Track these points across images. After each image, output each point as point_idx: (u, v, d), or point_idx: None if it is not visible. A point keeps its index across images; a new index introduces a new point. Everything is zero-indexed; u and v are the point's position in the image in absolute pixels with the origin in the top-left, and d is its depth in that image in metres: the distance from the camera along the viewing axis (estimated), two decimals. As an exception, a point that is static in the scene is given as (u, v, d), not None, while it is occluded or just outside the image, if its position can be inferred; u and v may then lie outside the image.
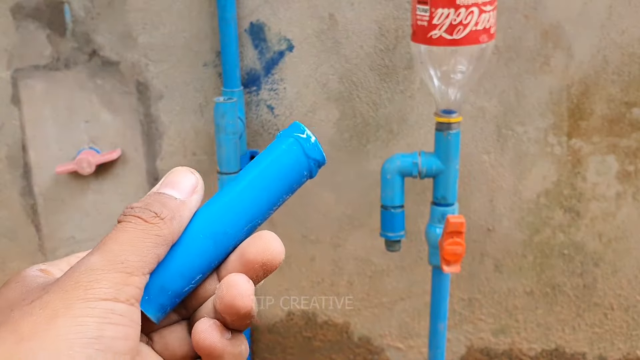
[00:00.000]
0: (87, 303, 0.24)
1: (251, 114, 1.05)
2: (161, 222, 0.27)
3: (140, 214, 0.27)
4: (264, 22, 1.00)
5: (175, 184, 0.29)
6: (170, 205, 0.28)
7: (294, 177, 0.30)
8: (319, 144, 0.30)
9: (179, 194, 0.29)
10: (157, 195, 0.29)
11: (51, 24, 1.03)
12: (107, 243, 0.27)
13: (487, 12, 0.77)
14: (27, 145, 1.09)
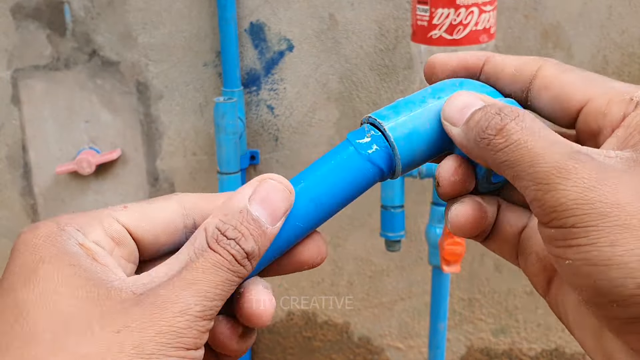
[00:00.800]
0: (177, 352, 0.24)
1: (251, 114, 1.05)
2: (248, 264, 0.26)
3: (233, 251, 0.26)
4: (264, 22, 1.01)
5: (269, 204, 0.27)
6: (261, 242, 0.26)
7: (360, 183, 0.29)
8: (388, 148, 0.28)
9: (270, 221, 0.27)
10: (250, 222, 0.26)
11: (51, 24, 1.03)
12: (196, 277, 0.25)
13: (487, 12, 0.77)
14: (27, 145, 1.09)
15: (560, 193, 0.23)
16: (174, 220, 0.28)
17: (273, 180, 0.27)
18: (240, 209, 0.26)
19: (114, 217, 0.27)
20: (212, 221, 0.26)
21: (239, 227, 0.26)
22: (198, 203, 0.29)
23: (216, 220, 0.26)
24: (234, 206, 0.26)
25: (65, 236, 0.25)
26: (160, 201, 0.29)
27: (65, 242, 0.25)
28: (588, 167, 0.23)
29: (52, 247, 0.25)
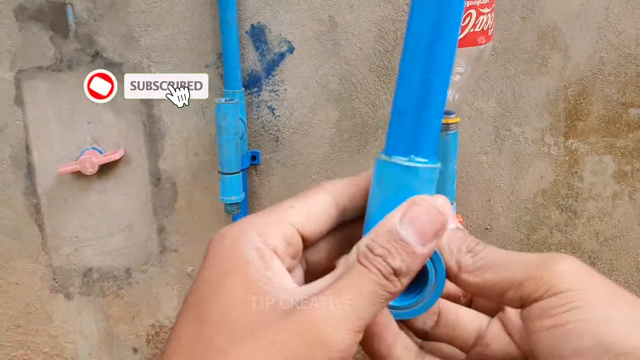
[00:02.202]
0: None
1: (252, 115, 1.06)
2: (396, 281, 0.27)
3: (380, 266, 0.27)
4: (265, 24, 1.01)
5: (417, 224, 0.28)
6: (410, 260, 0.27)
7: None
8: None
9: (419, 240, 0.28)
10: (397, 241, 0.27)
11: (54, 26, 1.04)
12: (345, 287, 0.26)
13: (485, 14, 0.78)
14: (31, 146, 1.10)
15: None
16: (330, 211, 0.30)
17: (423, 201, 0.28)
18: (389, 229, 0.28)
19: (288, 220, 0.29)
20: (364, 241, 0.28)
21: (386, 245, 0.27)
22: (345, 190, 0.31)
23: (367, 239, 0.28)
24: (384, 227, 0.28)
25: (245, 241, 0.28)
26: (316, 194, 0.31)
27: (245, 248, 0.28)
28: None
29: (233, 257, 0.28)
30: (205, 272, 0.28)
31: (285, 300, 0.26)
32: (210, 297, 0.27)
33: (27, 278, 1.19)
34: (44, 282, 1.19)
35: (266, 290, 0.27)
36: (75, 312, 1.21)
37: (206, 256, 0.29)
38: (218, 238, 0.29)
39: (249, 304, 0.26)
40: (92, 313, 1.21)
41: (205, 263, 0.29)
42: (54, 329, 1.22)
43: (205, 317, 0.27)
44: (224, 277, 0.27)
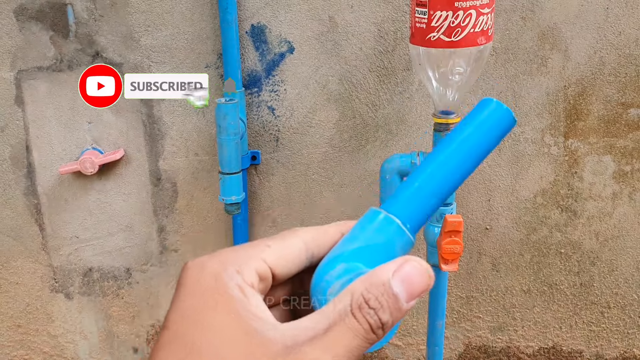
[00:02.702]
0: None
1: (252, 115, 1.06)
2: (380, 334, 0.29)
3: (371, 320, 0.29)
4: (265, 24, 1.02)
5: (410, 285, 0.30)
6: (395, 315, 0.29)
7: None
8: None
9: (406, 298, 0.30)
10: (390, 295, 0.29)
11: (54, 26, 1.04)
12: (337, 340, 0.28)
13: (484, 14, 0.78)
14: (31, 146, 1.10)
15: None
16: (301, 255, 0.33)
17: (417, 263, 0.31)
18: (384, 282, 0.29)
19: (262, 258, 0.31)
20: (359, 288, 0.29)
21: (380, 298, 0.29)
22: (316, 238, 0.34)
23: (362, 287, 0.29)
24: (379, 278, 0.30)
25: (227, 278, 0.29)
26: (291, 238, 0.33)
27: (228, 285, 0.29)
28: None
29: (218, 292, 0.29)
30: (187, 303, 0.29)
31: (275, 340, 0.28)
32: (199, 331, 0.28)
33: (28, 278, 1.19)
34: (44, 282, 1.19)
35: (255, 328, 0.28)
36: (75, 312, 1.21)
37: (183, 285, 0.30)
38: (196, 269, 0.30)
39: (240, 342, 0.28)
40: (92, 313, 1.21)
41: (183, 293, 0.30)
42: (54, 328, 1.22)
43: (195, 350, 0.28)
44: (211, 312, 0.29)
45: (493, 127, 0.35)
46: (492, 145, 0.35)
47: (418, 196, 0.35)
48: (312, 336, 0.28)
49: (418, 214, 0.35)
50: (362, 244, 0.33)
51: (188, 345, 0.28)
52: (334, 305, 0.29)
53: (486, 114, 0.35)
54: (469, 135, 0.35)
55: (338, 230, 0.35)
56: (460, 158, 0.35)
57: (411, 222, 0.34)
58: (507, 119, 0.35)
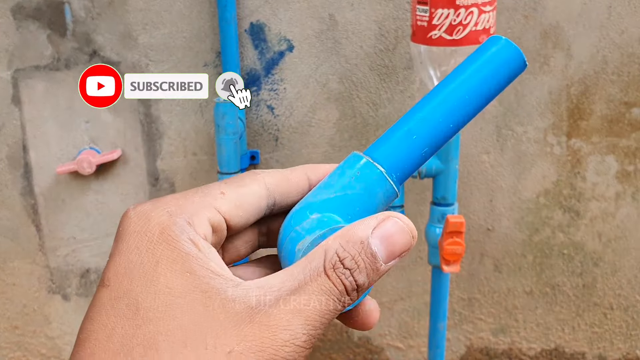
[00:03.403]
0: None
1: (251, 114, 1.06)
2: (355, 296, 0.27)
3: (346, 282, 0.26)
4: (264, 22, 1.01)
5: (389, 242, 0.27)
6: (372, 276, 0.27)
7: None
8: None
9: (385, 258, 0.27)
10: (368, 255, 0.27)
11: (52, 24, 1.03)
12: (308, 303, 0.25)
13: (486, 12, 0.77)
14: (28, 145, 1.10)
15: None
16: (261, 203, 0.30)
17: (400, 220, 0.28)
18: (362, 239, 0.27)
19: (216, 207, 0.28)
20: (333, 245, 0.27)
21: (356, 258, 0.26)
22: (279, 184, 0.30)
23: (337, 244, 0.26)
24: (356, 235, 0.27)
25: (177, 230, 0.26)
26: (250, 184, 0.30)
27: (179, 239, 0.26)
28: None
29: (167, 247, 0.26)
30: (131, 259, 0.26)
31: (237, 300, 0.25)
32: (146, 290, 0.25)
33: (24, 279, 1.18)
34: (41, 283, 1.18)
35: (214, 286, 0.25)
36: (72, 313, 1.20)
37: (124, 237, 0.26)
38: (140, 219, 0.27)
39: (196, 302, 0.25)
40: (90, 314, 1.20)
41: (125, 246, 0.26)
42: (51, 330, 1.21)
43: (143, 313, 0.24)
44: (161, 269, 0.25)
45: (500, 66, 0.31)
46: (498, 88, 0.31)
47: (407, 141, 0.31)
48: (280, 296, 0.25)
49: (406, 163, 0.31)
50: (339, 192, 0.29)
51: (133, 306, 0.24)
52: (305, 263, 0.26)
53: (493, 52, 0.31)
54: (471, 74, 0.30)
55: (303, 174, 0.31)
56: (460, 99, 0.30)
57: (397, 171, 0.30)
58: (517, 60, 0.31)
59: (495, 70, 0.31)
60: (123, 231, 0.27)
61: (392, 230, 0.27)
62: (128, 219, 0.27)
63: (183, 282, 0.25)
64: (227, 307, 0.25)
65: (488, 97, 0.31)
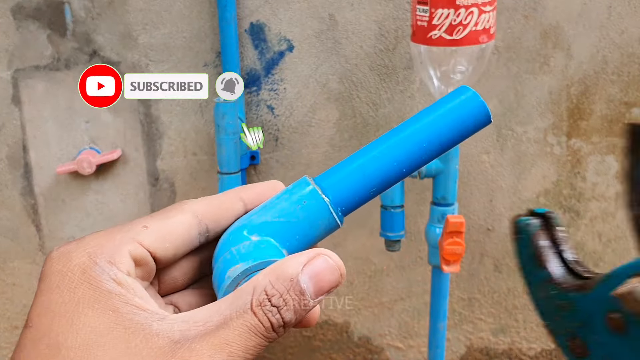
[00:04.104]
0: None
1: (251, 114, 1.06)
2: (282, 332, 0.27)
3: (273, 319, 0.26)
4: (264, 22, 1.01)
5: (320, 281, 0.27)
6: (299, 313, 0.27)
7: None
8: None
9: (314, 297, 0.27)
10: (296, 292, 0.27)
11: (52, 24, 1.03)
12: (233, 339, 0.25)
13: (486, 12, 0.77)
14: (28, 145, 1.09)
15: None
16: (191, 232, 0.29)
17: (329, 258, 0.28)
18: (291, 276, 0.27)
19: (138, 240, 0.28)
20: (262, 282, 0.26)
21: (284, 296, 0.26)
22: (209, 210, 0.30)
23: (266, 281, 0.26)
24: (286, 272, 0.27)
25: (98, 271, 0.26)
26: (175, 214, 0.29)
27: (101, 278, 0.26)
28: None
29: (89, 287, 0.25)
30: (52, 299, 0.25)
31: (160, 334, 0.25)
32: (67, 329, 0.24)
33: (24, 279, 1.18)
34: (42, 283, 1.18)
35: (137, 322, 0.25)
36: (72, 313, 1.20)
37: (46, 278, 0.26)
38: (61, 261, 0.26)
39: (118, 339, 0.24)
40: (90, 314, 1.20)
41: (47, 287, 0.26)
42: (52, 330, 1.21)
43: (64, 353, 0.24)
44: (81, 307, 0.25)
45: (463, 117, 0.30)
46: (457, 138, 0.31)
47: (358, 177, 0.30)
48: (204, 331, 0.25)
49: (353, 198, 0.30)
50: (281, 217, 0.29)
51: (54, 347, 0.24)
52: (233, 299, 0.26)
53: (458, 102, 0.31)
54: (433, 121, 0.30)
55: (236, 197, 0.30)
56: (417, 144, 0.30)
57: (343, 204, 0.30)
58: (481, 113, 0.31)
59: (457, 121, 0.30)
60: (45, 271, 0.26)
61: (322, 268, 0.27)
62: (50, 260, 0.27)
63: (105, 320, 0.25)
64: (150, 342, 0.24)
65: (446, 146, 0.31)
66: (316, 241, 0.30)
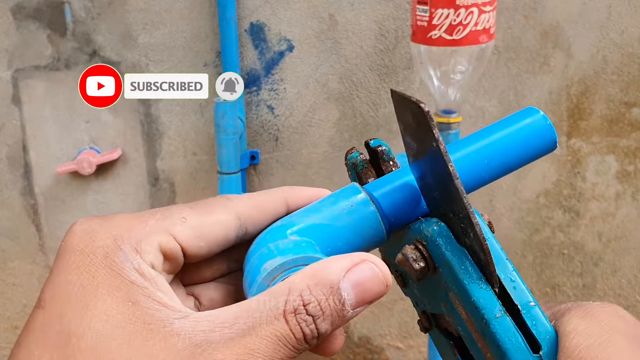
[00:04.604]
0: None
1: (251, 114, 1.06)
2: (314, 344, 0.24)
3: (306, 330, 0.23)
4: (264, 22, 1.01)
5: (361, 289, 0.24)
6: (336, 324, 0.24)
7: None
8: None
9: (356, 306, 0.24)
10: (336, 302, 0.24)
11: (52, 24, 1.03)
12: (260, 349, 0.22)
13: (486, 12, 0.77)
14: (28, 145, 1.09)
15: None
16: (229, 234, 0.27)
17: (375, 266, 0.25)
18: (332, 283, 0.24)
19: (172, 233, 0.25)
20: (299, 285, 0.24)
21: (322, 304, 0.23)
22: (252, 213, 0.27)
23: (304, 285, 0.24)
24: (327, 278, 0.24)
25: (122, 257, 0.24)
26: (218, 212, 0.27)
27: (124, 266, 0.24)
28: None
29: (110, 273, 0.23)
30: (70, 279, 0.23)
31: (181, 334, 0.22)
32: (80, 315, 0.22)
33: (24, 279, 1.18)
34: (41, 283, 1.18)
35: (158, 318, 0.23)
36: (72, 313, 1.20)
37: (66, 255, 0.24)
38: (84, 238, 0.24)
39: (135, 335, 0.22)
40: (90, 314, 1.20)
41: (66, 265, 0.24)
42: (52, 330, 1.21)
43: (74, 342, 0.22)
44: (99, 293, 0.23)
45: (530, 140, 0.29)
46: (520, 161, 0.29)
47: (411, 189, 0.28)
48: (229, 336, 0.22)
49: (405, 210, 0.28)
50: (326, 220, 0.27)
51: (65, 334, 0.22)
52: (265, 299, 0.24)
53: (526, 124, 0.29)
54: (499, 140, 0.28)
55: (282, 200, 0.28)
56: (479, 162, 0.29)
57: (393, 216, 0.28)
58: (549, 138, 0.29)
59: (524, 143, 0.29)
60: (66, 247, 0.24)
61: (366, 276, 0.25)
62: (73, 235, 0.24)
63: (124, 311, 0.22)
64: (169, 343, 0.22)
65: (507, 167, 0.29)
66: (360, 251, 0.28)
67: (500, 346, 0.26)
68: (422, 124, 0.27)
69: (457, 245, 0.27)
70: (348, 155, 0.32)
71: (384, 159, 0.31)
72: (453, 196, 0.26)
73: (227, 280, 0.30)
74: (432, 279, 0.28)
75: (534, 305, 0.27)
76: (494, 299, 0.26)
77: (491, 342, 0.26)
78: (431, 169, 0.27)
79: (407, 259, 0.27)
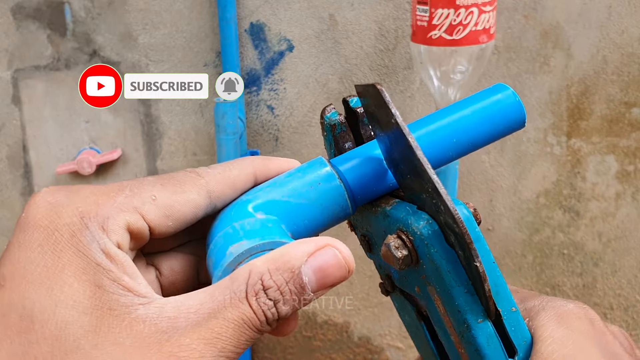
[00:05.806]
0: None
1: (251, 114, 1.06)
2: (275, 326, 0.24)
3: (268, 313, 0.24)
4: (264, 22, 1.01)
5: (323, 277, 0.25)
6: (297, 306, 0.25)
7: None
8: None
9: (316, 290, 0.25)
10: (296, 286, 0.24)
11: (52, 24, 1.03)
12: (223, 333, 0.23)
13: (486, 12, 0.77)
14: (28, 145, 1.10)
15: None
16: (198, 213, 0.27)
17: (338, 252, 0.25)
18: (293, 267, 0.24)
19: (141, 212, 0.25)
20: (260, 268, 0.24)
21: (282, 288, 0.24)
22: (222, 190, 0.27)
23: (264, 269, 0.24)
24: (288, 263, 0.24)
25: (89, 237, 0.23)
26: (189, 190, 0.26)
27: (90, 247, 0.23)
28: None
29: (76, 254, 0.23)
30: (33, 257, 0.22)
31: (146, 321, 0.22)
32: (45, 298, 0.21)
33: (25, 279, 1.18)
34: (42, 283, 1.18)
35: (123, 304, 0.22)
36: (72, 313, 1.20)
37: (28, 230, 0.23)
38: (49, 214, 0.23)
39: (101, 322, 0.22)
40: (90, 314, 1.20)
41: (28, 240, 0.23)
42: (52, 330, 1.21)
43: (38, 328, 0.21)
44: (65, 275, 0.22)
45: (499, 116, 0.28)
46: (489, 138, 0.29)
47: (379, 164, 0.28)
48: (195, 321, 0.22)
49: (372, 186, 0.28)
50: (291, 198, 0.27)
51: (28, 318, 0.21)
52: (228, 283, 0.24)
53: (496, 99, 0.29)
54: (467, 116, 0.28)
55: (251, 174, 0.27)
56: (447, 138, 0.28)
57: (360, 192, 0.28)
58: (518, 114, 0.29)
59: (492, 119, 0.28)
60: (27, 221, 0.23)
61: (328, 261, 0.25)
62: (35, 207, 0.23)
63: (90, 296, 0.22)
64: (135, 330, 0.22)
65: (474, 144, 0.29)
66: (325, 228, 0.28)
67: (479, 350, 0.26)
68: (381, 104, 0.26)
69: (447, 246, 0.26)
70: (325, 115, 0.31)
71: (363, 122, 0.30)
72: (418, 170, 0.25)
73: (187, 250, 0.29)
74: (411, 268, 0.28)
75: (515, 310, 0.27)
76: (478, 305, 0.26)
77: (469, 344, 0.26)
78: (396, 147, 0.26)
79: (392, 254, 0.27)
